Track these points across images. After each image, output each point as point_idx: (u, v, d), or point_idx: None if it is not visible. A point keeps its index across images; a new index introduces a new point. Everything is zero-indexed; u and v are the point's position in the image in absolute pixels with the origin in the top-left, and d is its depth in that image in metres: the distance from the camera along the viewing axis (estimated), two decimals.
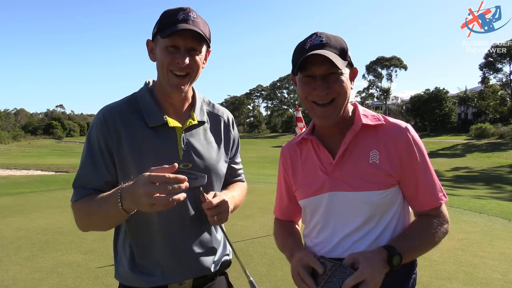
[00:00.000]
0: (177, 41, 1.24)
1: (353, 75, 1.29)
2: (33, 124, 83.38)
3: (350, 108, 1.33)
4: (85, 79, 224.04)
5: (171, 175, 1.06)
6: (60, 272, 4.13)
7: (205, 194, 1.27)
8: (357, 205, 1.23)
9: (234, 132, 1.55)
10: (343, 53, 1.22)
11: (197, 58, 1.29)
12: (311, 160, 1.33)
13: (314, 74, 1.20)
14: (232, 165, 1.55)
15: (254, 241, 5.27)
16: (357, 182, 1.22)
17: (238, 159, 1.60)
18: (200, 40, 1.27)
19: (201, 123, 1.41)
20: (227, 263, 1.49)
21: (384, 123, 1.27)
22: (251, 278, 1.35)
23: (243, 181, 1.63)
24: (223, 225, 1.39)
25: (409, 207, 1.33)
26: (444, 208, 1.29)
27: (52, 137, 70.36)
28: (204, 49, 1.32)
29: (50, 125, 78.46)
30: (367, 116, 1.29)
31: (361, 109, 1.32)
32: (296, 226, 1.53)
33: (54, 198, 8.65)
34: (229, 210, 1.31)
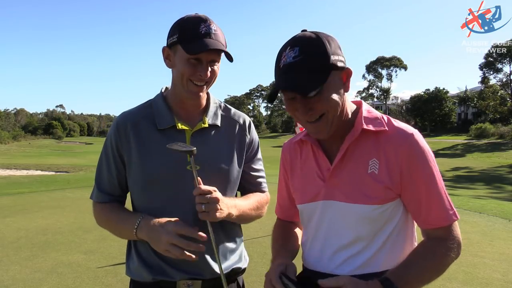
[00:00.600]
0: (201, 55, 1.27)
1: (347, 76, 1.13)
2: (33, 124, 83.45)
3: (352, 108, 1.21)
4: (85, 78, 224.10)
5: (198, 234, 1.21)
6: (60, 272, 4.13)
7: (199, 179, 1.23)
8: (351, 217, 1.14)
9: (251, 136, 1.50)
10: (323, 63, 1.06)
11: (216, 67, 1.33)
12: (309, 163, 1.26)
13: (293, 96, 1.10)
14: (251, 172, 1.49)
15: (254, 241, 5.26)
16: (353, 193, 1.13)
17: (258, 166, 1.53)
18: (220, 52, 1.30)
19: (213, 126, 1.41)
20: (240, 271, 1.46)
21: (387, 128, 1.14)
22: None
23: (263, 191, 1.53)
24: (213, 242, 1.26)
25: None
26: (455, 228, 1.13)
27: (52, 137, 70.45)
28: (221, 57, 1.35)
29: (50, 125, 78.56)
30: (371, 119, 1.17)
31: (365, 110, 1.20)
32: (296, 228, 1.44)
33: (54, 198, 8.65)
34: (220, 208, 1.23)
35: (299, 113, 1.11)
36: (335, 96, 1.09)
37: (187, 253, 1.20)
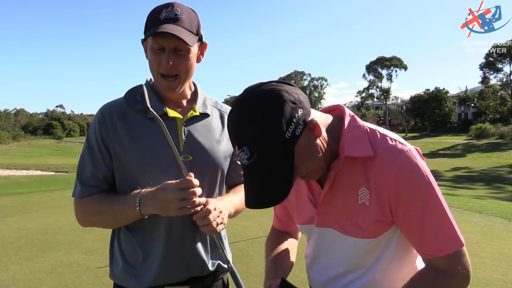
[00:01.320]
0: (161, 42, 1.22)
1: (313, 126, 0.95)
2: (33, 124, 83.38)
3: (332, 130, 1.05)
4: (85, 78, 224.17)
5: (196, 181, 1.16)
6: (60, 272, 4.13)
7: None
8: (345, 248, 1.09)
9: None
10: (283, 151, 0.91)
11: (185, 57, 1.26)
12: (301, 183, 1.17)
13: None
14: (238, 162, 1.48)
15: (254, 241, 5.26)
16: (346, 224, 1.06)
17: None
18: (188, 40, 1.23)
19: (203, 115, 1.39)
20: (225, 269, 1.44)
21: (372, 154, 1.01)
22: (231, 265, 1.30)
23: None
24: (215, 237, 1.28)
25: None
26: (459, 257, 1.00)
27: (52, 137, 70.43)
28: (194, 45, 1.27)
29: (50, 125, 78.53)
30: (355, 140, 1.03)
31: (348, 127, 1.05)
32: (291, 240, 1.38)
33: (54, 198, 8.65)
34: (218, 220, 1.22)
35: None
36: (309, 158, 0.97)
37: (202, 199, 1.18)
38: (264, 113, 0.89)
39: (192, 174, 1.19)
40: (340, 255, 1.12)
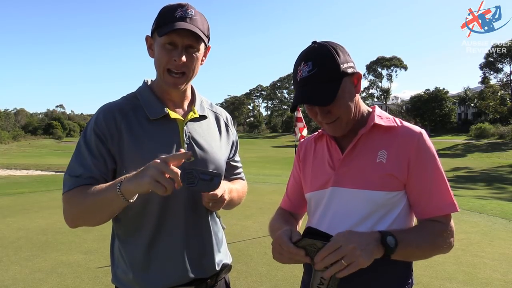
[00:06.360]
0: (175, 38, 1.24)
1: (357, 79, 1.23)
2: (33, 124, 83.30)
3: (366, 109, 1.32)
4: (85, 79, 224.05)
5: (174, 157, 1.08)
6: (60, 272, 4.13)
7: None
8: (356, 202, 1.21)
9: (234, 132, 1.56)
10: (335, 73, 1.16)
11: (195, 55, 1.28)
12: (322, 155, 1.34)
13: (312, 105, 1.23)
14: (232, 163, 1.55)
15: (254, 241, 5.27)
16: (360, 180, 1.21)
17: (238, 158, 1.60)
18: (198, 37, 1.26)
19: (202, 117, 1.41)
20: (228, 267, 1.46)
21: (397, 125, 1.25)
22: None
23: (243, 179, 1.62)
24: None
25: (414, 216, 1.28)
26: (451, 222, 1.22)
27: (52, 137, 70.33)
28: (202, 46, 1.31)
29: (50, 125, 78.44)
30: (382, 118, 1.28)
31: (378, 112, 1.31)
32: (294, 220, 1.49)
33: (54, 198, 8.63)
34: (225, 199, 1.27)
35: (319, 116, 1.23)
36: (348, 100, 1.20)
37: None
38: (332, 47, 1.19)
39: (190, 153, 1.13)
40: (351, 211, 1.22)
